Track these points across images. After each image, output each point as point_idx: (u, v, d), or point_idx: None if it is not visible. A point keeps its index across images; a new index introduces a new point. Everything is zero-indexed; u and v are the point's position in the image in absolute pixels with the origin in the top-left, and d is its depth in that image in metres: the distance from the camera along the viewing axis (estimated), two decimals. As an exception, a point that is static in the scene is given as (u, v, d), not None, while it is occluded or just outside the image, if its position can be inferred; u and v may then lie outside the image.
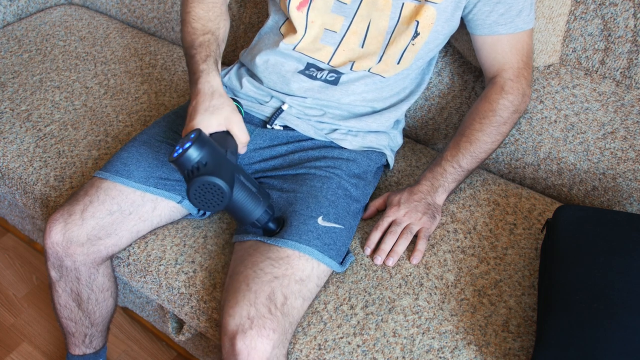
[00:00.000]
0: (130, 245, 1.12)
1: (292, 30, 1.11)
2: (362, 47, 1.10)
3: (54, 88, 1.48)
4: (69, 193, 1.22)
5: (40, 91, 1.47)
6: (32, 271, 1.71)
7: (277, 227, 1.00)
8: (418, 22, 1.05)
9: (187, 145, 0.89)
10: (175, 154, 0.90)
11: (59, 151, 1.30)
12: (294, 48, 1.11)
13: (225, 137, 0.98)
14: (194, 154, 0.88)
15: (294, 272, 0.95)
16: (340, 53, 1.11)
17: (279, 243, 0.97)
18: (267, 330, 0.89)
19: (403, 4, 1.05)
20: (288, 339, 0.93)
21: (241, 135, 0.99)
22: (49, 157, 1.29)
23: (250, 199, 0.94)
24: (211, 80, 1.01)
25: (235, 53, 1.58)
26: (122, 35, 1.69)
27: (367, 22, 1.08)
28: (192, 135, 0.90)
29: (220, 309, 1.00)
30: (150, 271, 1.10)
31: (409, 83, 1.17)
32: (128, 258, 1.13)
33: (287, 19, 1.12)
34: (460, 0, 1.06)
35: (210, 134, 0.97)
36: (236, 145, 1.00)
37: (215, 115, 0.97)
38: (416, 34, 1.06)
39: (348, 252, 1.06)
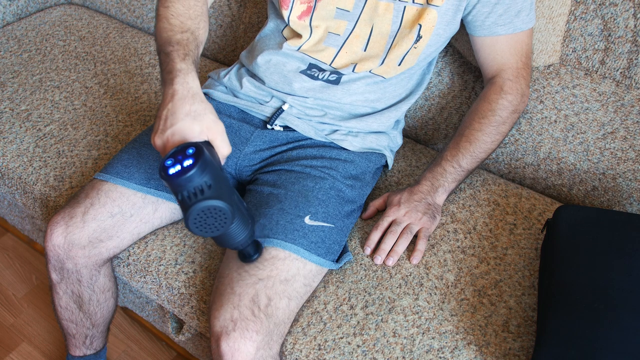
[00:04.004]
0: (130, 245, 1.12)
1: (296, 34, 1.11)
2: (365, 50, 1.10)
3: (54, 88, 1.48)
4: (69, 193, 1.22)
5: (40, 91, 1.47)
6: (31, 271, 1.71)
7: (255, 252, 0.93)
8: (420, 26, 1.05)
9: (189, 163, 0.76)
10: (172, 171, 0.77)
11: (59, 151, 1.30)
12: (298, 49, 1.11)
13: (208, 149, 0.84)
14: (197, 175, 0.76)
15: (279, 273, 0.95)
16: (342, 55, 1.11)
17: (265, 242, 0.97)
18: (250, 332, 0.89)
19: (405, 7, 1.05)
20: (275, 339, 0.93)
21: (224, 148, 0.87)
22: (48, 157, 1.29)
23: (242, 220, 0.86)
24: (190, 81, 0.89)
25: (235, 53, 1.58)
26: (122, 35, 1.69)
27: (370, 27, 1.08)
28: (191, 151, 0.78)
29: (208, 310, 1.00)
30: (150, 271, 1.10)
31: (409, 83, 1.17)
32: (128, 258, 1.13)
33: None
34: (461, 2, 1.05)
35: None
36: (218, 158, 0.87)
37: (197, 121, 0.85)
38: (419, 37, 1.06)
39: (346, 251, 1.07)
